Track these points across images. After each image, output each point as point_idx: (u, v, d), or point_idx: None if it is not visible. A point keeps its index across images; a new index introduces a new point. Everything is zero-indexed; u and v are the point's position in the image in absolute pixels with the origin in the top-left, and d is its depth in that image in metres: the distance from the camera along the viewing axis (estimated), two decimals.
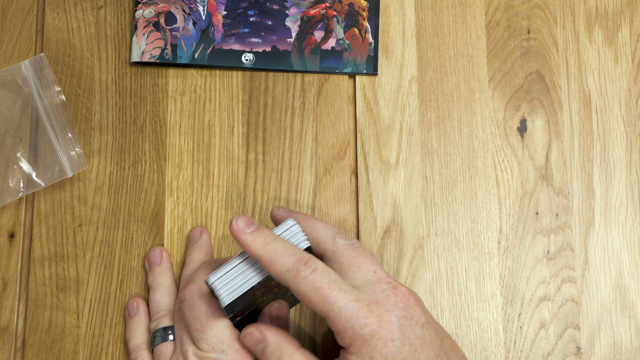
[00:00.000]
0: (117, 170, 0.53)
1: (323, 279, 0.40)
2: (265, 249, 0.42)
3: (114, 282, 0.52)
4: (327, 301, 0.40)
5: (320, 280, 0.40)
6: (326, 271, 0.41)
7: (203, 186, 0.53)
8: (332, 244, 0.43)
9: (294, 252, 0.41)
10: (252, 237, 0.42)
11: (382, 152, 0.54)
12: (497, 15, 0.56)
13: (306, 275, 0.40)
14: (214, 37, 0.55)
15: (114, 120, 0.54)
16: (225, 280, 0.42)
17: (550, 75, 0.55)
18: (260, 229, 0.43)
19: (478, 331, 0.51)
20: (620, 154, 0.54)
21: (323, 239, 0.44)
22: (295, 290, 0.41)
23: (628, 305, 0.52)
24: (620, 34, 0.56)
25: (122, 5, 0.56)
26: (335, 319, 0.40)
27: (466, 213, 0.53)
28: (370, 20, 0.55)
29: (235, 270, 0.43)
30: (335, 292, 0.40)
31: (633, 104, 0.55)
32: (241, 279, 0.42)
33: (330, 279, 0.41)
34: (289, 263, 0.41)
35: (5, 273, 0.52)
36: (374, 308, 0.40)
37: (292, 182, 0.53)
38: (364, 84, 0.55)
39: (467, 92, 0.55)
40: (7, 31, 0.55)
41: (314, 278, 0.40)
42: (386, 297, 0.41)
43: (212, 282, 0.42)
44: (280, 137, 0.54)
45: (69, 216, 0.52)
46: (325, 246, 0.44)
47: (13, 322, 0.51)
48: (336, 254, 0.43)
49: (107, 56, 0.55)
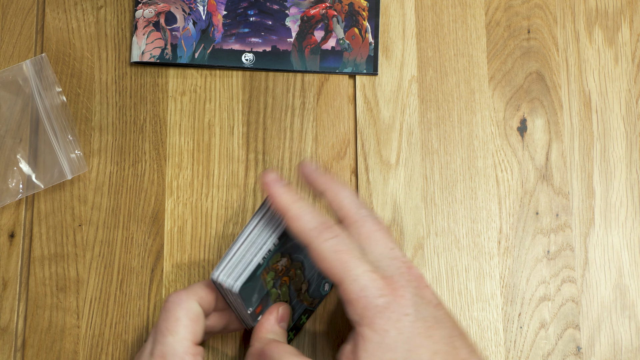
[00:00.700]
0: (117, 170, 0.53)
1: (344, 245, 0.40)
2: (294, 205, 0.42)
3: (114, 282, 0.52)
4: (345, 266, 0.40)
5: (341, 245, 0.40)
6: (348, 238, 0.41)
7: (203, 186, 0.53)
8: (355, 212, 0.43)
9: (320, 215, 0.42)
10: (283, 190, 0.42)
11: (382, 152, 0.54)
12: (497, 15, 0.56)
13: (328, 238, 0.41)
14: (214, 37, 0.55)
15: (114, 120, 0.54)
16: (228, 270, 0.42)
17: (550, 75, 0.55)
18: (290, 186, 0.43)
19: (478, 331, 0.51)
20: (620, 154, 0.54)
21: (347, 205, 0.43)
22: (315, 251, 0.41)
23: (628, 305, 0.52)
24: (620, 33, 0.56)
25: (122, 5, 0.56)
26: (350, 287, 0.40)
27: (466, 213, 0.53)
28: (370, 20, 0.55)
29: (235, 258, 0.43)
30: (354, 260, 0.40)
31: (633, 104, 0.55)
32: (244, 263, 0.42)
33: (350, 246, 0.41)
34: (314, 222, 0.41)
35: (5, 273, 0.52)
36: (390, 282, 0.40)
37: (292, 182, 0.53)
38: (364, 84, 0.55)
39: (467, 92, 0.55)
40: (7, 31, 0.55)
41: (336, 242, 0.40)
42: (400, 274, 0.41)
43: (216, 276, 0.42)
44: (280, 137, 0.54)
45: (69, 216, 0.52)
46: (348, 212, 0.43)
47: (13, 322, 0.51)
48: (357, 222, 0.43)
49: (107, 56, 0.55)
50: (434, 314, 0.40)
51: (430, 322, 0.40)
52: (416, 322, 0.39)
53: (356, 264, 0.40)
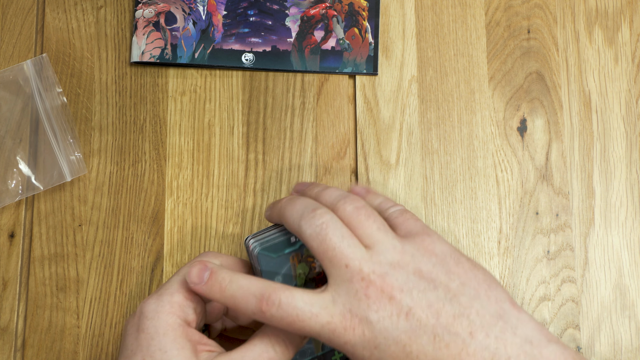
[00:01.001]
0: (117, 170, 0.53)
1: (290, 310, 0.40)
2: (224, 296, 0.41)
3: (114, 282, 0.52)
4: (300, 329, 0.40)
5: (286, 312, 0.40)
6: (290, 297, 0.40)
7: (203, 186, 0.53)
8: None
9: (253, 291, 0.40)
10: (207, 288, 0.41)
11: (382, 152, 0.54)
12: (497, 15, 0.56)
13: (273, 314, 0.40)
14: (214, 37, 0.55)
15: (114, 120, 0.54)
16: (262, 239, 0.44)
17: (550, 75, 0.55)
18: (214, 274, 0.42)
19: None
20: (620, 154, 0.54)
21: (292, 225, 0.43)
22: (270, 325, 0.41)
23: (628, 305, 0.52)
24: (620, 33, 0.56)
25: (122, 5, 0.56)
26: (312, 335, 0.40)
27: (466, 213, 0.53)
28: (370, 20, 0.55)
29: (272, 234, 0.44)
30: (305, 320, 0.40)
31: (633, 104, 0.55)
32: (279, 241, 0.44)
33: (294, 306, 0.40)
34: (252, 305, 0.40)
35: (5, 273, 0.52)
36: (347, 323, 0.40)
37: (292, 182, 0.53)
38: (364, 84, 0.55)
39: (467, 92, 0.55)
40: (7, 31, 0.55)
41: (280, 314, 0.40)
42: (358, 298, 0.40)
43: (249, 239, 0.44)
44: (280, 137, 0.54)
45: (69, 216, 0.52)
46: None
47: (13, 322, 0.51)
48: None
49: (107, 56, 0.55)
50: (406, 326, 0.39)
51: (404, 339, 0.39)
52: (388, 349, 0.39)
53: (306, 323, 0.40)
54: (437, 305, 0.40)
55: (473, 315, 0.40)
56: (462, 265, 0.41)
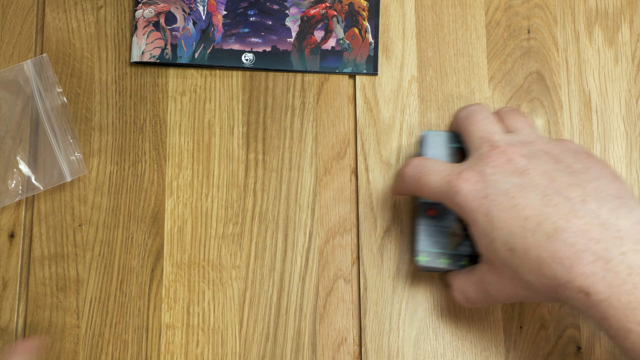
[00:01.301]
0: (117, 170, 0.53)
1: (421, 167, 0.46)
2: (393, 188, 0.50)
3: (114, 282, 0.52)
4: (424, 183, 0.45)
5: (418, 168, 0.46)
6: (426, 159, 0.46)
7: (203, 186, 0.53)
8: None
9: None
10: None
11: (382, 152, 0.54)
12: (497, 15, 0.56)
13: (410, 173, 0.46)
14: (214, 37, 0.55)
15: (114, 120, 0.54)
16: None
17: (550, 75, 0.55)
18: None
19: (478, 331, 0.51)
20: (620, 154, 0.54)
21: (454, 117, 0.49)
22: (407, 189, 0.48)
23: None
24: (620, 33, 0.56)
25: (122, 5, 0.56)
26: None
27: None
28: (370, 20, 0.55)
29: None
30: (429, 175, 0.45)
31: (633, 104, 0.55)
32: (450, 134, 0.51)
33: (426, 164, 0.46)
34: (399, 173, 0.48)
35: (5, 273, 0.52)
36: (457, 174, 0.43)
37: (292, 182, 0.53)
38: (364, 84, 0.55)
39: (467, 92, 0.55)
40: (7, 31, 0.55)
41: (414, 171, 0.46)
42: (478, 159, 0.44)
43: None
44: (280, 137, 0.54)
45: (69, 216, 0.52)
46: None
47: (13, 322, 0.51)
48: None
49: (107, 56, 0.55)
50: (518, 182, 0.41)
51: (513, 191, 0.41)
52: (496, 199, 0.41)
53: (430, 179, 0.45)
54: (554, 173, 0.41)
55: (589, 188, 0.40)
56: (593, 159, 0.43)
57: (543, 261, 0.39)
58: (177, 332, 0.51)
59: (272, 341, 0.51)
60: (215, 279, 0.52)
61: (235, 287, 0.52)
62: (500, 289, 0.43)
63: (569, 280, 0.38)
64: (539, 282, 0.40)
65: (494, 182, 0.42)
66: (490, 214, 0.41)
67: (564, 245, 0.39)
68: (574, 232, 0.39)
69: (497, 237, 0.41)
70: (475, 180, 0.42)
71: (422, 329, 0.51)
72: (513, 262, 0.41)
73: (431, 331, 0.51)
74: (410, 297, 0.51)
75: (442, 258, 0.48)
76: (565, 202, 0.40)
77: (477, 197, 0.42)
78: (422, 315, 0.51)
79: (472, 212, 0.42)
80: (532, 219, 0.40)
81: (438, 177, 0.44)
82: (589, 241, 0.38)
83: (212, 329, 0.51)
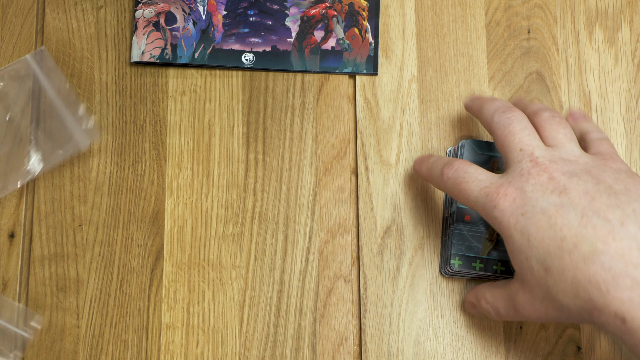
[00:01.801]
0: (117, 170, 0.53)
1: (461, 172, 0.45)
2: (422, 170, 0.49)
3: (114, 282, 0.52)
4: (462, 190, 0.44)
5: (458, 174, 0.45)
6: (466, 164, 0.45)
7: (203, 186, 0.53)
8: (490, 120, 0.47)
9: (443, 161, 0.46)
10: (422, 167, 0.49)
11: (382, 152, 0.54)
12: (497, 15, 0.56)
13: (449, 175, 0.45)
14: (214, 37, 0.55)
15: (114, 120, 0.54)
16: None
17: (550, 75, 0.55)
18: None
19: (478, 331, 0.51)
20: (620, 154, 0.54)
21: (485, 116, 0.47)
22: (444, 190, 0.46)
23: None
24: (620, 34, 0.56)
25: (122, 5, 0.56)
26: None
27: None
28: (370, 20, 0.55)
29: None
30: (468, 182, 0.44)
31: (633, 104, 0.55)
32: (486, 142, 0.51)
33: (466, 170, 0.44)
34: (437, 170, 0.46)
35: (5, 273, 0.52)
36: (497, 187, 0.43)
37: (292, 182, 0.53)
38: (364, 84, 0.55)
39: (467, 92, 0.55)
40: (7, 31, 0.55)
41: (454, 175, 0.45)
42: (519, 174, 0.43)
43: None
44: (280, 137, 0.54)
45: (69, 216, 0.52)
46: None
47: (13, 322, 0.51)
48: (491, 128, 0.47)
49: (107, 56, 0.55)
50: (557, 201, 0.40)
51: (552, 210, 0.40)
52: (534, 217, 0.40)
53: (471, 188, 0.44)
54: (594, 194, 0.40)
55: (629, 210, 0.39)
56: (634, 180, 0.42)
57: (579, 283, 0.38)
58: (177, 332, 0.51)
59: (272, 341, 0.51)
60: (215, 279, 0.52)
61: (235, 287, 0.52)
62: (531, 309, 0.42)
63: (605, 305, 0.38)
64: (573, 304, 0.39)
65: (532, 199, 0.41)
66: (527, 231, 0.40)
67: (601, 268, 0.38)
68: (611, 255, 0.38)
69: (533, 255, 0.40)
70: (514, 197, 0.41)
71: (422, 329, 0.51)
72: (547, 282, 0.40)
73: (431, 331, 0.51)
74: (410, 297, 0.51)
75: (475, 262, 0.48)
76: (604, 224, 0.39)
77: (515, 213, 0.41)
78: (422, 315, 0.51)
79: (509, 229, 0.41)
80: (569, 239, 0.39)
81: (477, 187, 0.43)
82: (627, 265, 0.37)
83: (212, 329, 0.51)
